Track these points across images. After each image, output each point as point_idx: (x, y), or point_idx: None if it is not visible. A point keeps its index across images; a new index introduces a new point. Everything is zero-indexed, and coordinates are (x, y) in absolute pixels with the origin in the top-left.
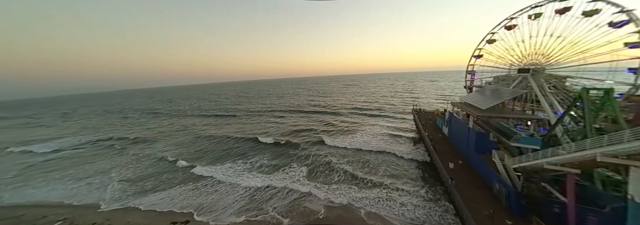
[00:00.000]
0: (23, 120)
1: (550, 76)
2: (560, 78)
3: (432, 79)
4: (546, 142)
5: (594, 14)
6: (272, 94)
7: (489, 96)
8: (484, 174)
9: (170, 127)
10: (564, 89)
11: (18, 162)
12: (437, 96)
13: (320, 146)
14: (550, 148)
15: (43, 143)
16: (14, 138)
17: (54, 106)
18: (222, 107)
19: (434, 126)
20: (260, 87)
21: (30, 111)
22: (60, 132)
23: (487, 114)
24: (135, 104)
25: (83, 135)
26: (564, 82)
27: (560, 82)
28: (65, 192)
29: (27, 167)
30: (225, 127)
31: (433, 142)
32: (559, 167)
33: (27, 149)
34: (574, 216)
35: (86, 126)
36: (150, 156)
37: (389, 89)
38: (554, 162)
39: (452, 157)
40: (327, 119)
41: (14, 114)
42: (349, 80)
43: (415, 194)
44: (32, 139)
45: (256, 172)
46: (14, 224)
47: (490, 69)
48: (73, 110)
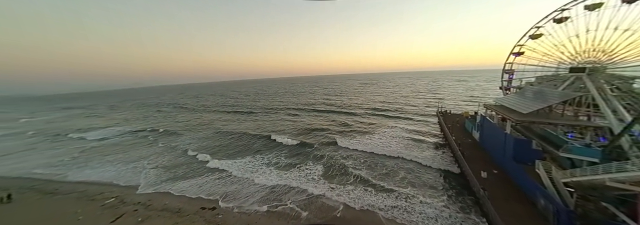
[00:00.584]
0: (81, 111)
1: (613, 77)
2: (627, 79)
3: (460, 78)
4: (607, 154)
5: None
6: (288, 92)
7: (532, 99)
8: (525, 186)
9: (195, 121)
10: (632, 92)
11: (76, 146)
12: (465, 97)
13: (334, 147)
14: (614, 162)
15: (95, 131)
16: (73, 126)
17: (104, 99)
18: (241, 103)
19: (463, 130)
20: (279, 85)
21: (87, 102)
22: (107, 123)
23: (529, 118)
24: (167, 99)
25: (124, 126)
26: (631, 83)
27: (626, 84)
28: (112, 174)
29: (83, 151)
30: (243, 123)
31: (461, 147)
32: (629, 185)
33: (83, 135)
34: None
35: (127, 118)
36: (177, 148)
37: (410, 88)
38: (621, 179)
39: (484, 165)
40: (343, 119)
41: (74, 104)
42: (367, 79)
43: (439, 203)
44: (88, 127)
45: (273, 168)
46: (79, 197)
47: (533, 67)
48: (119, 103)
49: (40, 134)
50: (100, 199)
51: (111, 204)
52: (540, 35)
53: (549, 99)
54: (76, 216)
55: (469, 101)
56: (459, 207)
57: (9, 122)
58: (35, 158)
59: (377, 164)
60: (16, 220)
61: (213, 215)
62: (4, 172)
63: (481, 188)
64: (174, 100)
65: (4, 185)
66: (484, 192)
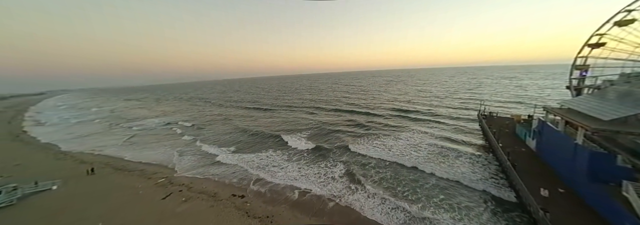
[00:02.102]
0: (136, 103)
1: None
2: None
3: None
4: None
5: None
6: (310, 89)
7: (617, 102)
8: (607, 212)
9: (218, 116)
10: None
11: (131, 133)
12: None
13: (349, 153)
14: None
15: (147, 120)
16: (129, 115)
17: (154, 92)
18: (262, 100)
19: (513, 137)
20: (301, 82)
21: (141, 95)
22: (154, 113)
23: (612, 127)
24: (200, 93)
25: (163, 117)
26: None
27: None
28: (162, 157)
29: (137, 136)
30: (260, 120)
31: (511, 157)
32: None
33: (137, 123)
34: None
35: (169, 110)
36: (206, 140)
37: (442, 86)
38: None
39: (544, 181)
40: (364, 120)
41: (132, 96)
42: (393, 76)
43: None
44: (141, 116)
45: (295, 164)
46: (140, 175)
47: (619, 62)
48: (163, 96)
49: (106, 120)
50: (155, 178)
51: (162, 183)
52: (632, 21)
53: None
54: (138, 190)
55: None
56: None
57: (84, 110)
58: (106, 140)
59: (400, 177)
60: (100, 189)
61: (242, 203)
62: (86, 149)
63: (540, 209)
64: (205, 95)
65: (89, 160)
66: (545, 214)
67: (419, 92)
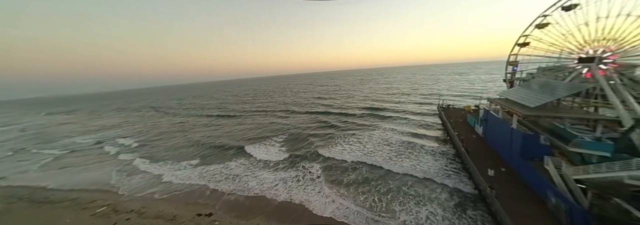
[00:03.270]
0: (65, 116)
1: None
2: (629, 67)
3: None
4: (620, 148)
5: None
6: (282, 91)
7: (538, 91)
8: (535, 184)
9: (173, 128)
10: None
11: (59, 153)
12: (465, 91)
13: (322, 158)
14: (635, 159)
15: (77, 137)
16: (58, 132)
17: (94, 102)
18: (227, 106)
19: (466, 125)
20: (274, 84)
21: (74, 106)
22: (84, 130)
23: (537, 113)
24: (153, 101)
25: (98, 134)
26: (633, 72)
27: (630, 73)
28: (96, 180)
29: (65, 158)
30: (226, 128)
31: (465, 143)
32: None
33: (66, 142)
34: None
35: (103, 125)
36: (160, 156)
37: (407, 83)
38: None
39: (489, 161)
40: (336, 121)
41: (64, 108)
42: (365, 74)
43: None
44: (71, 133)
45: (267, 173)
46: (70, 206)
47: (539, 59)
48: (107, 105)
49: (16, 142)
50: (92, 207)
51: (104, 213)
52: (547, 25)
53: (557, 91)
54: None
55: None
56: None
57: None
58: (16, 166)
59: (371, 177)
60: None
61: (210, 222)
62: None
63: (488, 186)
64: (159, 103)
65: None
66: (492, 191)
67: (387, 89)
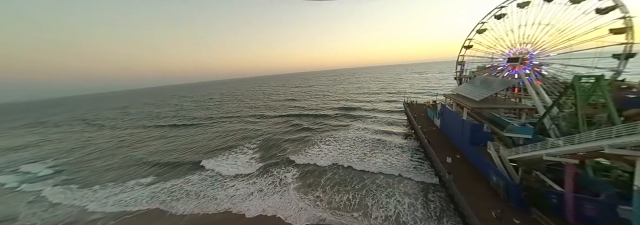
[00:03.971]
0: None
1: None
2: (536, 65)
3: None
4: (537, 132)
5: (581, 0)
6: (253, 94)
7: (480, 87)
8: (481, 166)
9: (110, 143)
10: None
11: None
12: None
13: (294, 165)
14: (549, 139)
15: None
16: None
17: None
18: (186, 114)
19: (427, 119)
20: (245, 86)
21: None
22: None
23: (482, 105)
24: (83, 113)
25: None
26: (541, 69)
27: (548, 71)
28: None
29: None
30: (183, 139)
31: (427, 135)
32: (559, 158)
33: None
34: (572, 206)
35: (7, 146)
36: (92, 180)
37: (376, 83)
38: (554, 154)
39: (446, 149)
40: (309, 124)
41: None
42: (338, 75)
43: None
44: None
45: (236, 186)
46: None
47: (480, 59)
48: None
49: None
50: None
51: None
52: (485, 30)
53: (494, 86)
54: None
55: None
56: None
57: None
58: None
59: (347, 177)
60: None
61: None
62: None
63: (447, 172)
64: (92, 114)
65: None
66: (449, 175)
67: (358, 88)
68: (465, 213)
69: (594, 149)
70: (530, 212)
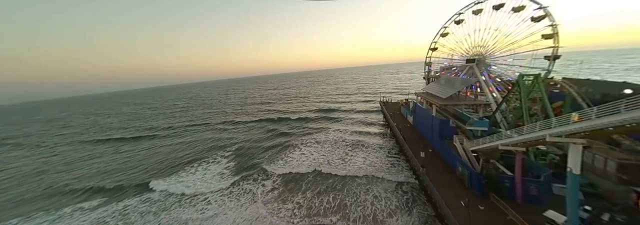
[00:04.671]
0: None
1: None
2: (488, 65)
3: (391, 71)
4: (491, 124)
5: (521, 9)
6: (226, 98)
7: (445, 86)
8: (448, 158)
9: (29, 166)
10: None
11: None
12: (397, 87)
13: (269, 175)
14: (503, 131)
15: None
16: None
17: None
18: (143, 123)
19: (401, 116)
20: (217, 89)
21: None
22: None
23: (447, 102)
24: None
25: None
26: (489, 69)
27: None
28: None
29: None
30: (128, 157)
31: (402, 132)
32: (511, 147)
33: None
34: (520, 188)
35: None
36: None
37: (353, 83)
38: (507, 143)
39: (420, 145)
40: (286, 128)
41: None
42: (317, 76)
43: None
44: None
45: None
46: None
47: (444, 60)
48: None
49: None
50: None
51: None
52: (447, 34)
53: (456, 85)
54: None
55: (400, 90)
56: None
57: None
58: None
59: (328, 180)
60: None
61: None
62: None
63: (421, 166)
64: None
65: None
66: (423, 169)
67: (336, 89)
68: (438, 204)
69: (538, 138)
70: (489, 197)
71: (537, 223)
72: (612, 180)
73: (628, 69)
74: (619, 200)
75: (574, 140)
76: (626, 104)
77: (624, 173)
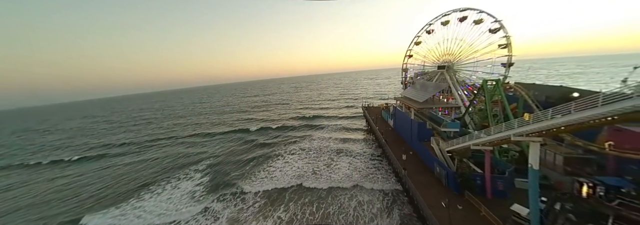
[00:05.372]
0: None
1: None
2: (456, 71)
3: (371, 77)
4: (461, 126)
5: (480, 22)
6: (198, 107)
7: (420, 90)
8: (427, 159)
9: None
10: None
11: None
12: (377, 92)
13: (246, 196)
14: (475, 132)
15: None
16: None
17: None
18: (91, 141)
19: (382, 120)
20: (190, 97)
21: None
22: None
23: (423, 105)
24: None
25: None
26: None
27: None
28: None
29: None
30: (70, 182)
31: (384, 135)
32: (481, 146)
33: None
34: (490, 184)
35: None
36: None
37: (336, 88)
38: (478, 143)
39: (401, 147)
40: (264, 139)
41: None
42: (300, 82)
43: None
44: None
45: None
46: None
47: (419, 66)
48: None
49: None
50: None
51: None
52: (420, 43)
53: (430, 90)
54: None
55: (380, 95)
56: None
57: None
58: None
59: (312, 191)
60: None
61: None
62: None
63: (403, 168)
64: None
65: None
66: (405, 171)
67: (320, 95)
68: (420, 205)
69: (504, 138)
70: (464, 194)
71: (505, 217)
72: (559, 172)
73: (560, 74)
74: (567, 190)
75: (533, 139)
76: (575, 107)
77: (569, 165)
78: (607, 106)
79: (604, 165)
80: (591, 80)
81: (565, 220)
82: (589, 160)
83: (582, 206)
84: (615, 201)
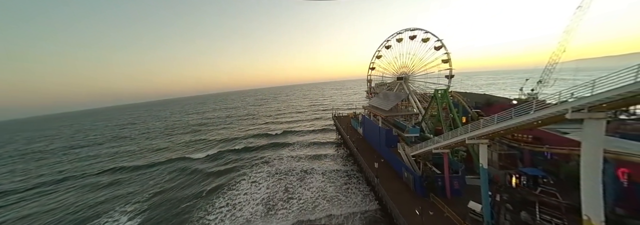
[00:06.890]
0: None
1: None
2: (412, 82)
3: (337, 87)
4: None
5: (427, 40)
6: (152, 126)
7: (384, 99)
8: (395, 165)
9: None
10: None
11: None
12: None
13: None
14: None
15: None
16: None
17: None
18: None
19: (352, 129)
20: (137, 114)
21: None
22: None
23: (388, 113)
24: None
25: None
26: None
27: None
28: None
29: None
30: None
31: (355, 144)
32: (440, 150)
33: None
34: (448, 184)
35: None
36: None
37: (304, 100)
38: (438, 147)
39: (372, 154)
40: (223, 163)
41: None
42: (266, 94)
43: None
44: None
45: None
46: None
47: (381, 77)
48: None
49: None
50: None
51: None
52: (381, 56)
53: (392, 99)
54: None
55: (347, 104)
56: None
57: None
58: None
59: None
60: None
61: None
62: None
63: (375, 176)
64: None
65: None
66: (377, 179)
67: (288, 107)
68: (393, 213)
69: (460, 141)
70: (429, 197)
71: (464, 214)
72: (495, 167)
73: (479, 84)
74: (502, 182)
75: (482, 141)
76: (515, 113)
77: (501, 160)
78: (537, 112)
79: (522, 159)
80: (501, 89)
81: (506, 210)
82: (513, 155)
83: (514, 196)
84: (538, 189)
